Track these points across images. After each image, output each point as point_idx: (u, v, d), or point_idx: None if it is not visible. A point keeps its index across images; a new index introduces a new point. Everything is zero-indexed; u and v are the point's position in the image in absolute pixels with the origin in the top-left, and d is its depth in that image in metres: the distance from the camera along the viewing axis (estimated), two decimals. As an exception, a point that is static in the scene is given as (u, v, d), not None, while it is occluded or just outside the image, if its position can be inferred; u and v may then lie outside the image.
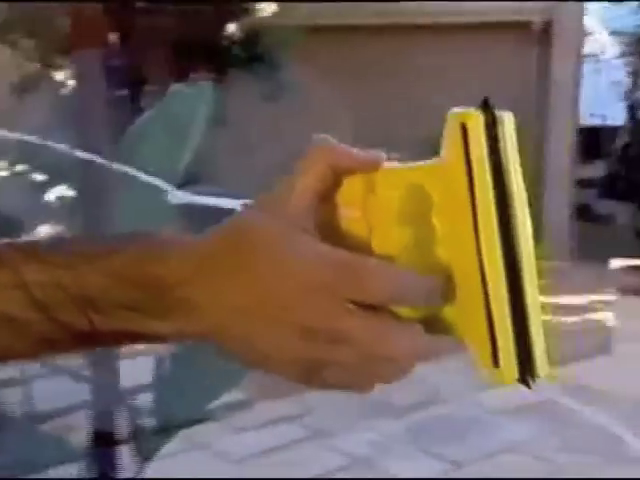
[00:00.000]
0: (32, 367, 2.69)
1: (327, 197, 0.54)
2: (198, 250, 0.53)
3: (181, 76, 8.61)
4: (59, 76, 8.75)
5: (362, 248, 0.53)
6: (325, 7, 8.52)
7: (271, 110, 7.79)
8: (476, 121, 0.50)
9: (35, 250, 0.55)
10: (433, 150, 0.53)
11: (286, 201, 0.53)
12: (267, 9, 8.10)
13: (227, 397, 1.87)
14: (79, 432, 4.04)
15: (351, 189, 0.54)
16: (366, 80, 8.86)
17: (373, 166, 0.54)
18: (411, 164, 0.54)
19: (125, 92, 7.29)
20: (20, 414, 3.53)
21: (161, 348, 1.94)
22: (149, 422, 1.88)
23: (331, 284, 0.49)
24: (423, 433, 4.26)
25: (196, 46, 8.24)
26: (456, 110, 0.52)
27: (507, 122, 0.51)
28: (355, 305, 0.50)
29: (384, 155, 0.55)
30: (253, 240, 0.51)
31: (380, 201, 0.54)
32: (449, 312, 0.52)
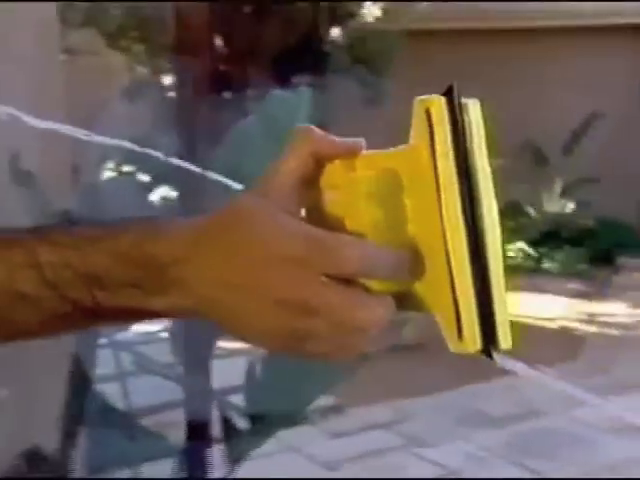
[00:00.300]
0: (128, 364, 2.74)
1: (312, 182, 0.59)
2: (190, 231, 0.58)
3: (282, 80, 8.70)
4: (167, 80, 8.96)
5: (340, 228, 0.58)
6: (437, 11, 8.43)
7: (372, 115, 7.76)
8: (439, 106, 0.53)
9: (48, 233, 0.60)
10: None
11: (271, 183, 0.59)
12: (372, 14, 8.09)
13: (321, 401, 1.86)
14: (173, 429, 4.11)
15: (333, 174, 0.59)
16: (477, 85, 8.73)
17: (352, 152, 0.59)
18: (387, 150, 0.58)
19: (228, 96, 7.40)
20: (119, 409, 3.61)
21: (255, 349, 1.93)
22: (242, 423, 1.87)
23: (305, 258, 0.53)
24: (519, 446, 4.16)
25: (298, 50, 8.30)
26: (421, 97, 0.55)
27: (472, 108, 0.54)
28: (329, 278, 0.54)
29: (363, 142, 0.59)
30: (238, 219, 0.56)
31: (356, 184, 0.58)
32: (419, 288, 0.55)
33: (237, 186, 1.89)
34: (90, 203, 2.22)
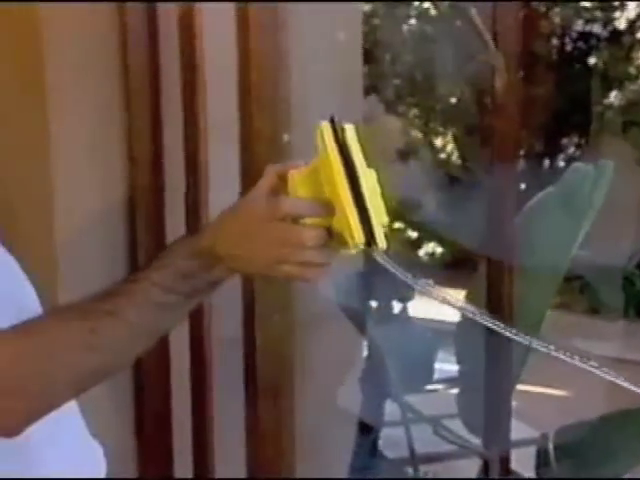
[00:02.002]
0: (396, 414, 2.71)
1: (277, 191, 0.90)
2: (212, 230, 0.96)
3: (552, 143, 8.46)
4: (438, 142, 9.05)
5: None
6: None
7: (646, 176, 7.31)
8: (327, 129, 0.86)
9: (153, 268, 0.96)
10: None
11: (253, 193, 0.92)
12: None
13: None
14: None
15: (290, 181, 0.90)
16: None
17: (292, 168, 0.90)
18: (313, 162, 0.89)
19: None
20: (387, 457, 3.59)
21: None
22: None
23: (267, 216, 0.88)
24: None
25: (569, 112, 8.06)
26: (318, 124, 0.87)
27: (348, 128, 0.87)
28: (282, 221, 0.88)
29: (301, 163, 0.91)
30: (237, 213, 0.93)
31: (297, 181, 0.90)
32: (335, 224, 0.86)
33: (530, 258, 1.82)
34: (376, 265, 2.22)
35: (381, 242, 0.84)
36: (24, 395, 0.89)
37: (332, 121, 0.87)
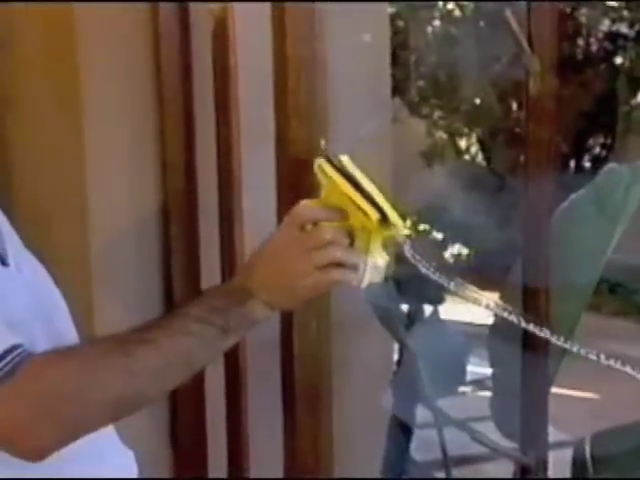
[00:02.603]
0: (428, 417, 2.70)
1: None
2: (242, 272, 1.01)
3: (578, 143, 8.39)
4: (462, 144, 9.01)
5: None
6: None
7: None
8: (324, 162, 0.95)
9: (185, 305, 0.99)
10: None
11: (277, 231, 0.99)
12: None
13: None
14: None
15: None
16: None
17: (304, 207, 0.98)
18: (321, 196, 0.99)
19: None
20: (416, 460, 3.57)
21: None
22: None
23: (291, 238, 0.96)
24: None
25: (596, 112, 7.99)
26: (315, 160, 0.96)
27: (345, 159, 0.94)
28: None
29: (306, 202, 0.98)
30: (263, 248, 0.99)
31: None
32: (355, 222, 0.94)
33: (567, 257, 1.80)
34: (409, 269, 2.20)
35: (395, 220, 0.91)
36: (59, 419, 0.88)
37: (326, 156, 0.96)
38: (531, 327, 1.51)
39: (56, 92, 1.83)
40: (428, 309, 2.48)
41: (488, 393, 2.19)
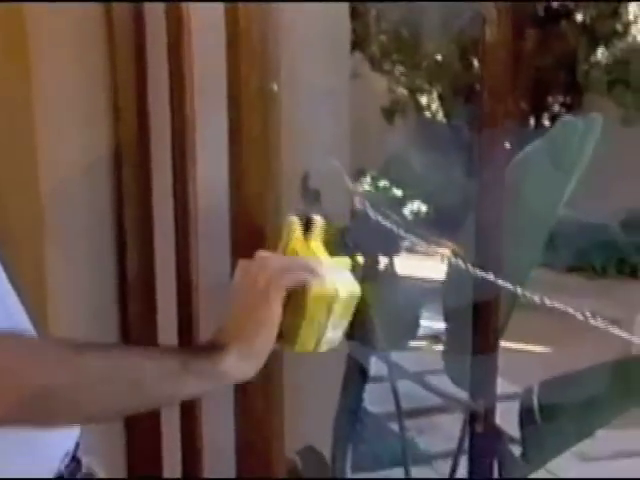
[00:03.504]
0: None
1: None
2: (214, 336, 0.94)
3: (537, 100, 8.43)
4: (424, 100, 9.00)
5: None
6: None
7: (631, 134, 7.32)
8: (295, 223, 0.97)
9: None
10: None
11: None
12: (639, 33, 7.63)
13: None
14: (428, 435, 4.08)
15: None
16: None
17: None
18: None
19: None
20: (372, 412, 3.61)
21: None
22: (516, 449, 1.79)
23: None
24: None
25: (556, 70, 8.01)
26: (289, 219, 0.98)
27: (318, 220, 0.97)
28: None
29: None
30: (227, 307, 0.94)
31: None
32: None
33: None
34: (362, 218, 2.21)
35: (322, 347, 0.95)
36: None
37: (300, 218, 0.99)
38: (481, 274, 1.53)
39: (3, 39, 1.78)
40: (383, 261, 2.50)
41: (442, 347, 2.22)
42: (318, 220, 0.97)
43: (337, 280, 0.92)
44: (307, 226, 0.97)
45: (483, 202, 1.56)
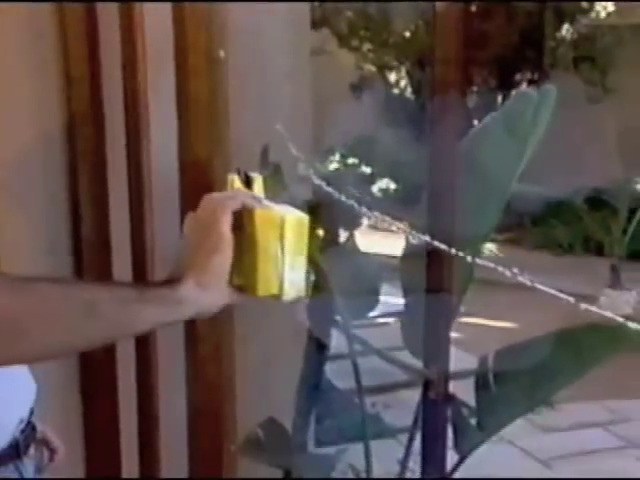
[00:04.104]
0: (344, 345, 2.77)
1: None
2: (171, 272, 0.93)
3: (504, 77, 8.47)
4: (392, 77, 9.00)
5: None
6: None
7: (597, 111, 7.38)
8: (236, 179, 0.98)
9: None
10: None
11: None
12: (604, 9, 7.68)
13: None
14: (394, 410, 4.12)
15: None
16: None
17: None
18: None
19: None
20: (338, 387, 3.64)
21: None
22: (472, 418, 1.82)
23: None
24: None
25: (521, 47, 8.05)
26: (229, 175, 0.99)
27: (257, 177, 0.98)
28: None
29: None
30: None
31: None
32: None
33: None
34: (322, 193, 2.22)
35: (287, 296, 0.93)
36: None
37: (239, 172, 0.99)
38: (435, 243, 1.54)
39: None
40: (343, 235, 2.51)
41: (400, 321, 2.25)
42: (257, 176, 0.97)
43: (283, 208, 0.93)
44: (247, 183, 0.97)
45: (435, 171, 1.57)
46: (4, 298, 0.82)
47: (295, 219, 0.92)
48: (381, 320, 3.63)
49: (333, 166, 8.72)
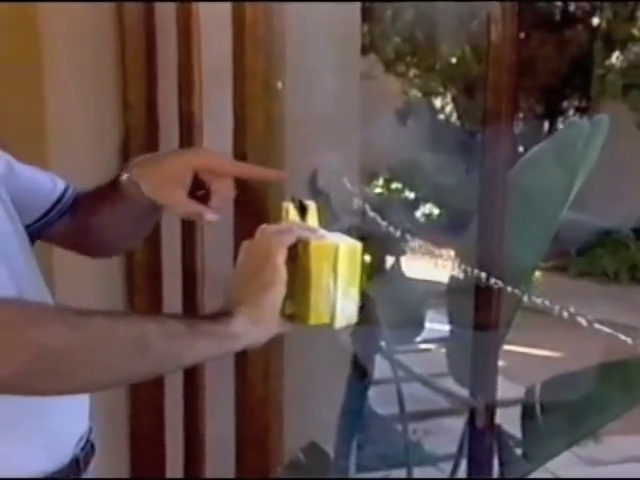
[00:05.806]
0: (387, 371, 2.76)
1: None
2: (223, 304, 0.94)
3: (552, 104, 8.42)
4: (437, 103, 9.01)
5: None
6: None
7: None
8: (291, 207, 0.99)
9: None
10: None
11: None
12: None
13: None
14: (434, 437, 4.08)
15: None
16: None
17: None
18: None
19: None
20: (379, 413, 3.62)
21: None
22: (517, 449, 1.80)
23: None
24: None
25: (570, 74, 8.00)
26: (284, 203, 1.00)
27: (311, 205, 0.99)
28: None
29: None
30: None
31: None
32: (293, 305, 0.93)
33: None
34: (370, 220, 2.23)
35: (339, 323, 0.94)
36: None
37: (294, 201, 1.00)
38: (482, 276, 1.54)
39: (15, 27, 1.81)
40: (390, 261, 2.52)
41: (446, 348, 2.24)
42: (311, 204, 0.98)
43: (336, 237, 0.94)
44: (302, 211, 0.98)
45: (485, 201, 1.57)
46: (62, 333, 0.84)
47: (348, 248, 0.93)
48: (422, 346, 3.61)
49: (377, 190, 8.74)
